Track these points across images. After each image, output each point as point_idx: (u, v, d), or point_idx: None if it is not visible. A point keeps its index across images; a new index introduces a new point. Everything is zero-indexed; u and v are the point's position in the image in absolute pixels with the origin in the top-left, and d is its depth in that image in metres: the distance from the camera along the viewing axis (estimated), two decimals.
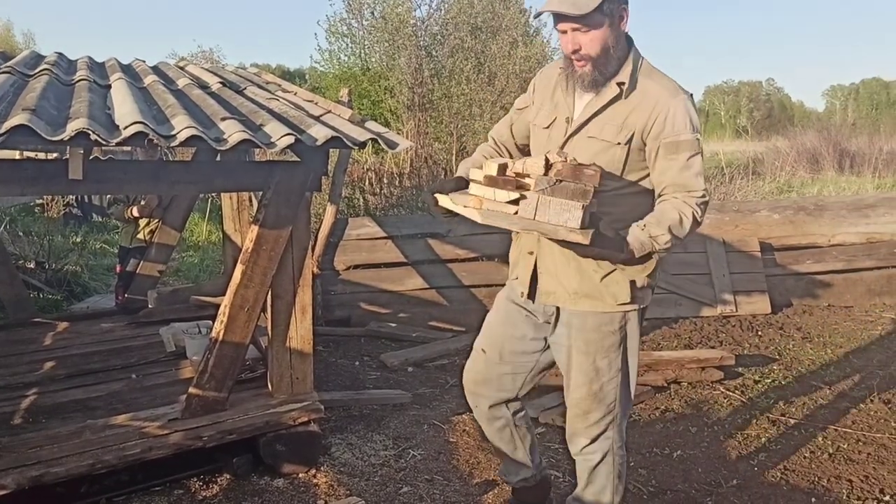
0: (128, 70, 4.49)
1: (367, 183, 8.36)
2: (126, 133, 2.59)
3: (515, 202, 1.96)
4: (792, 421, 4.11)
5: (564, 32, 2.23)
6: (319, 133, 2.97)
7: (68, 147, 2.68)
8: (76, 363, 4.22)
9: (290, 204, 3.36)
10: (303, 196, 3.42)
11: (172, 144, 2.66)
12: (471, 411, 4.18)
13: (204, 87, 4.08)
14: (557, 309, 2.44)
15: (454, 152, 11.76)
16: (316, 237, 6.19)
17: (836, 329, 6.11)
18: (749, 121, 49.48)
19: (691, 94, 2.28)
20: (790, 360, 5.26)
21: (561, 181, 1.93)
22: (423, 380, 4.86)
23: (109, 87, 3.66)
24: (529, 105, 2.56)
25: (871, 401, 4.39)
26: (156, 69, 4.78)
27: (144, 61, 5.11)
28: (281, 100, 3.77)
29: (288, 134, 2.83)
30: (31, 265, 6.99)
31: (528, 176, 2.01)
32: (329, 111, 3.62)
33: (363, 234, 6.36)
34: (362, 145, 3.09)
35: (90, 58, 4.97)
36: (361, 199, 7.41)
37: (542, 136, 2.45)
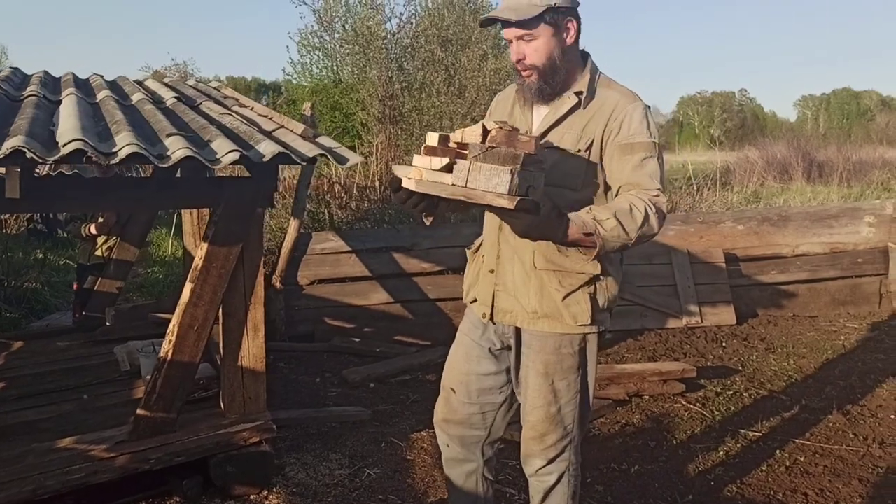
0: (82, 85, 4.42)
1: (332, 196, 8.30)
2: (64, 151, 2.54)
3: (448, 169, 1.90)
4: (751, 434, 4.12)
5: (511, 42, 2.24)
6: (267, 149, 2.93)
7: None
8: (28, 383, 4.13)
9: (241, 220, 3.32)
10: (254, 212, 3.38)
11: (112, 162, 2.61)
12: (429, 428, 4.21)
13: (158, 102, 4.03)
14: (517, 331, 2.39)
15: None
16: (279, 252, 6.14)
17: (799, 339, 6.14)
18: (722, 131, 50.03)
19: (649, 106, 2.28)
20: (752, 372, 5.27)
21: (493, 147, 1.87)
22: (384, 396, 4.82)
23: (60, 102, 3.60)
24: None
25: (831, 412, 4.41)
26: (112, 84, 4.72)
27: (102, 76, 5.04)
28: (235, 115, 3.73)
29: (233, 150, 2.79)
30: None
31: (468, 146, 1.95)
32: (282, 126, 3.58)
33: (327, 248, 6.31)
34: (311, 161, 3.05)
35: (45, 72, 4.91)
36: (327, 213, 7.35)
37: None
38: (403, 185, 1.96)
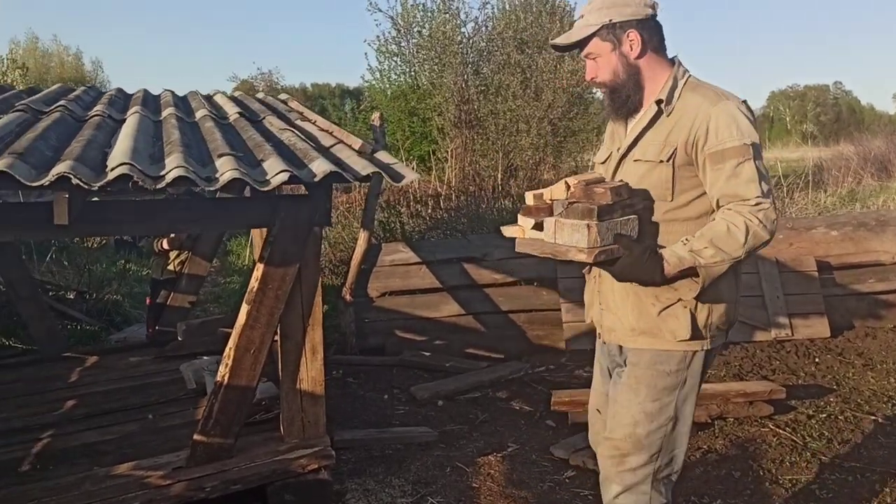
0: (151, 103, 4.44)
1: (404, 205, 8.22)
2: (110, 176, 2.49)
3: (539, 227, 2.05)
4: (848, 464, 3.78)
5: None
6: (319, 168, 2.82)
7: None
8: (96, 402, 4.16)
9: (297, 240, 3.23)
10: (311, 231, 3.29)
11: (158, 186, 2.55)
12: (497, 452, 4.05)
13: (221, 118, 4.00)
14: (621, 349, 2.31)
15: (500, 169, 11.58)
16: (349, 264, 6.08)
17: None
18: (815, 126, 48.00)
19: (744, 100, 2.14)
20: (849, 391, 4.89)
21: (574, 202, 1.99)
22: (452, 415, 4.66)
23: (124, 121, 3.60)
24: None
25: None
26: (180, 101, 4.73)
27: (172, 92, 5.06)
28: (295, 130, 3.65)
29: (283, 171, 2.70)
30: (72, 295, 7.04)
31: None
32: (340, 142, 3.47)
33: (397, 259, 6.21)
34: (364, 179, 2.93)
35: (119, 90, 4.96)
36: (398, 223, 7.25)
37: (600, 172, 2.39)
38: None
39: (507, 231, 2.16)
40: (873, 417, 4.41)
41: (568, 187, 2.05)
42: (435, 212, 8.02)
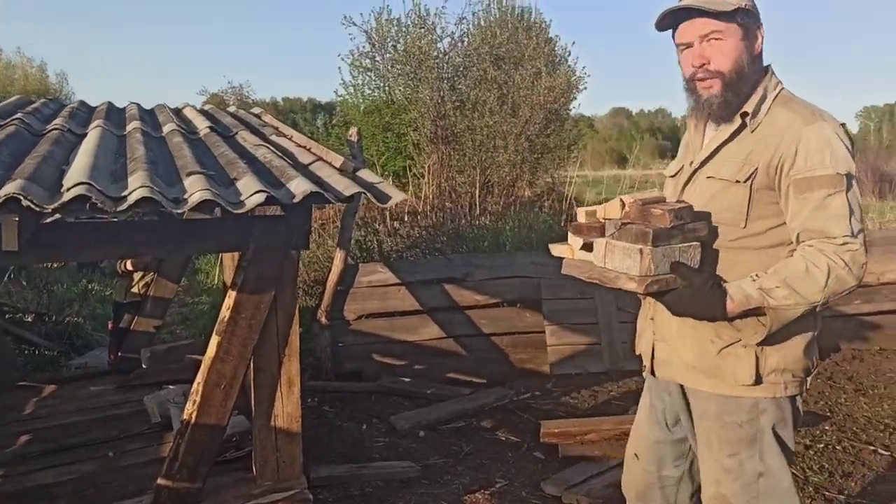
0: (115, 116, 4.17)
1: (380, 223, 7.97)
2: (66, 197, 2.23)
3: (588, 248, 1.87)
4: (854, 501, 3.60)
5: (689, 46, 1.93)
6: (298, 188, 2.58)
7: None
8: (53, 437, 3.86)
9: (273, 264, 2.98)
10: (287, 255, 3.05)
11: (120, 208, 2.29)
12: (484, 489, 3.81)
13: (191, 133, 3.75)
14: (681, 389, 2.05)
15: (478, 185, 11.40)
16: (324, 284, 5.82)
17: (891, 378, 5.57)
18: None
19: (842, 123, 1.87)
20: (843, 419, 4.73)
21: (627, 223, 1.80)
22: (435, 446, 4.41)
23: (84, 136, 3.33)
24: None
25: None
26: (148, 114, 4.46)
27: (138, 104, 4.80)
28: (270, 147, 3.41)
29: (259, 191, 2.46)
30: (30, 318, 6.69)
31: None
32: (320, 159, 3.23)
33: (375, 280, 5.97)
34: (347, 200, 2.70)
35: (81, 102, 4.70)
36: (375, 241, 6.99)
37: (669, 187, 2.12)
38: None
39: (555, 250, 1.97)
40: (872, 447, 4.25)
41: (623, 205, 1.86)
42: (413, 229, 7.78)
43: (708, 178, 1.94)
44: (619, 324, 5.91)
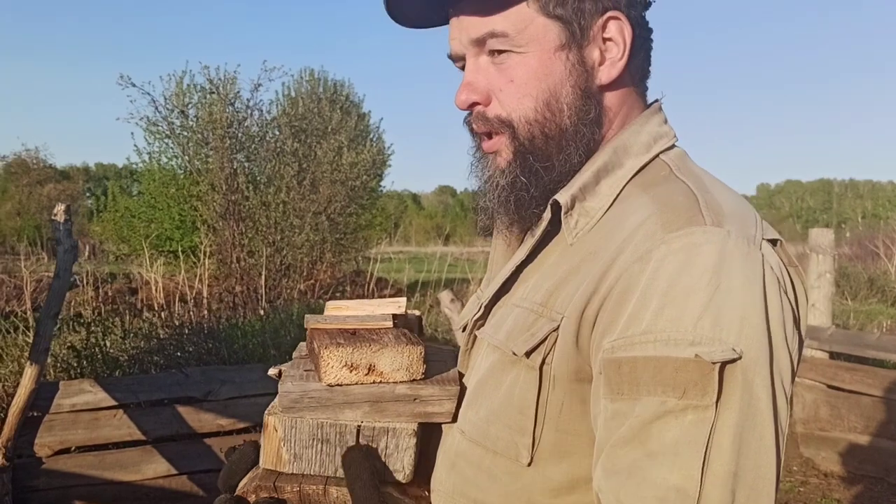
0: None
1: (128, 315, 6.62)
2: None
3: None
4: None
5: (463, 66, 0.97)
6: None
7: None
8: None
9: None
10: None
11: None
12: None
13: None
14: None
15: (273, 267, 10.27)
16: (6, 411, 4.45)
17: None
18: None
19: (773, 240, 0.84)
20: None
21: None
22: None
23: None
24: None
25: None
26: None
27: None
28: None
29: None
30: None
31: None
32: None
33: (81, 403, 4.65)
34: None
35: None
36: (97, 348, 5.54)
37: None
38: None
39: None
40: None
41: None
42: (162, 329, 6.40)
43: (489, 344, 0.96)
44: None
